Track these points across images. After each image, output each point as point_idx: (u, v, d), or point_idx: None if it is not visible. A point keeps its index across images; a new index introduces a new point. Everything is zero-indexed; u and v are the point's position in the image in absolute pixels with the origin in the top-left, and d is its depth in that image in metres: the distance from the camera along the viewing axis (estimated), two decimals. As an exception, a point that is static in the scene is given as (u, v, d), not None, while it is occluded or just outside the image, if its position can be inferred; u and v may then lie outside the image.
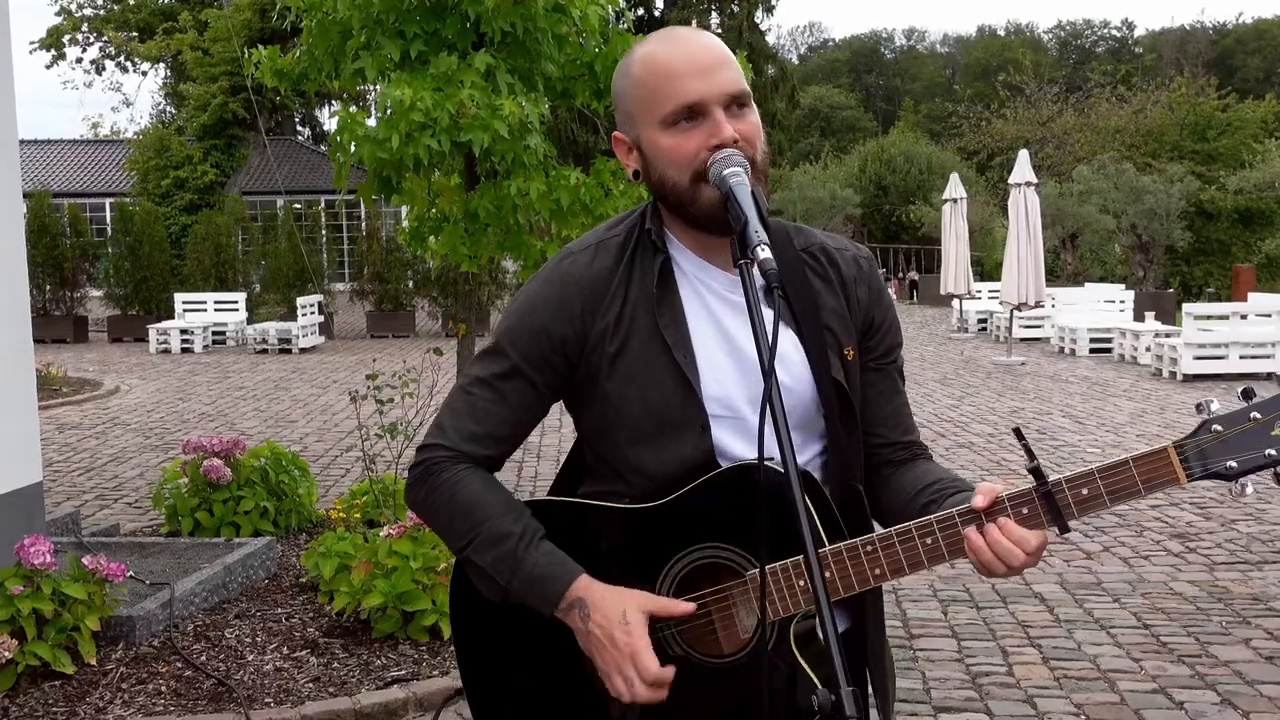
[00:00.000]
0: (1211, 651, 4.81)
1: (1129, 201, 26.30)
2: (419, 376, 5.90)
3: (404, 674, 4.28)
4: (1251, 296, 17.07)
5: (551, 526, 1.61)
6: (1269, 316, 14.42)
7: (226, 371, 16.09)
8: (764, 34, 34.94)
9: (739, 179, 1.47)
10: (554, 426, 10.19)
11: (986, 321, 21.31)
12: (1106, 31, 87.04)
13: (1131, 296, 18.92)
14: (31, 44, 37.33)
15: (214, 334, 19.99)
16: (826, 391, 1.60)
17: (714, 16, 34.01)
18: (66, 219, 22.05)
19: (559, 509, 1.64)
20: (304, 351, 18.73)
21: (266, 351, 18.66)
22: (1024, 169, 16.78)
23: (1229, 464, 1.38)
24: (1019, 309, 16.95)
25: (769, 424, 1.31)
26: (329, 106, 36.14)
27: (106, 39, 37.09)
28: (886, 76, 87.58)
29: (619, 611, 1.52)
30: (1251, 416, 1.38)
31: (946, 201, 21.44)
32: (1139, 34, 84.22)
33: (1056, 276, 26.13)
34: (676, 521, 1.56)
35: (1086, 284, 22.03)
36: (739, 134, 1.52)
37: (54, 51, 37.07)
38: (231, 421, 11.27)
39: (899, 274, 38.12)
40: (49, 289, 21.45)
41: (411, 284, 21.78)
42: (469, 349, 6.47)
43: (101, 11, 36.85)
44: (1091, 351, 16.97)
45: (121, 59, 39.10)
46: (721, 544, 1.55)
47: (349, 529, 5.48)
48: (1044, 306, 17.70)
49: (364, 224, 23.05)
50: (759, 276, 1.37)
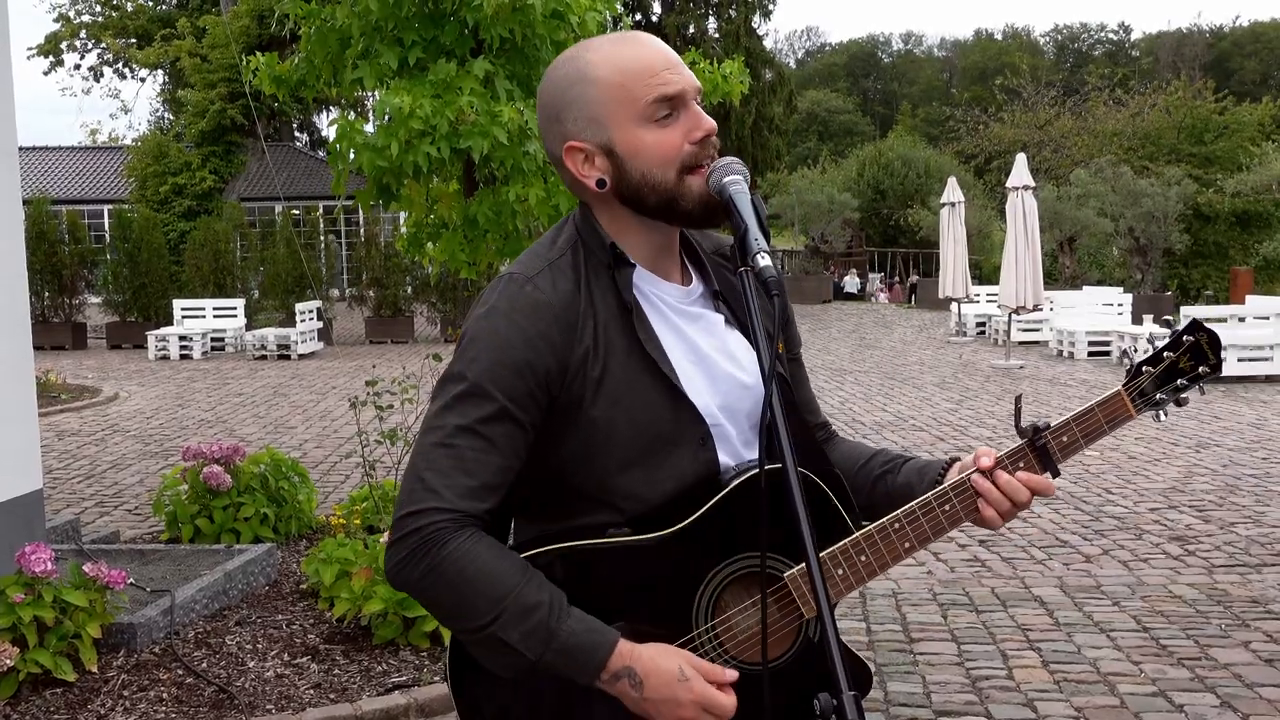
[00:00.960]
0: (1211, 654, 4.81)
1: (1127, 205, 26.30)
2: (418, 382, 5.91)
3: (405, 680, 4.28)
4: (1249, 299, 17.10)
5: (564, 577, 1.52)
6: (1267, 319, 14.43)
7: (225, 378, 16.09)
8: (761, 38, 35.00)
9: (739, 187, 1.49)
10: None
11: (985, 325, 21.32)
12: (1103, 35, 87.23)
13: (1130, 299, 18.93)
14: (29, 50, 37.33)
15: (213, 340, 19.98)
16: (781, 388, 1.60)
17: (711, 21, 34.06)
18: (65, 226, 22.04)
19: (566, 557, 1.53)
20: (303, 357, 18.73)
21: (265, 358, 18.66)
22: (1021, 172, 16.80)
23: (1158, 396, 1.67)
24: (1017, 312, 16.96)
25: (768, 427, 1.36)
26: (327, 113, 36.15)
27: (104, 46, 37.10)
28: (884, 80, 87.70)
29: (674, 668, 1.48)
30: (1165, 355, 1.67)
31: (944, 205, 21.45)
32: (1136, 37, 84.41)
33: (1055, 280, 26.12)
34: (703, 541, 1.53)
35: (1085, 287, 22.04)
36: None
37: (52, 58, 37.08)
38: (231, 428, 11.27)
39: (897, 278, 38.12)
40: (48, 296, 21.44)
41: (410, 289, 21.78)
42: (442, 397, 6.46)
43: (99, 18, 36.87)
44: (1090, 355, 16.98)
45: (119, 66, 39.13)
46: (753, 553, 1.54)
47: (349, 535, 5.48)
48: (1042, 310, 17.71)
49: (363, 230, 23.02)
50: (701, 285, 1.43)
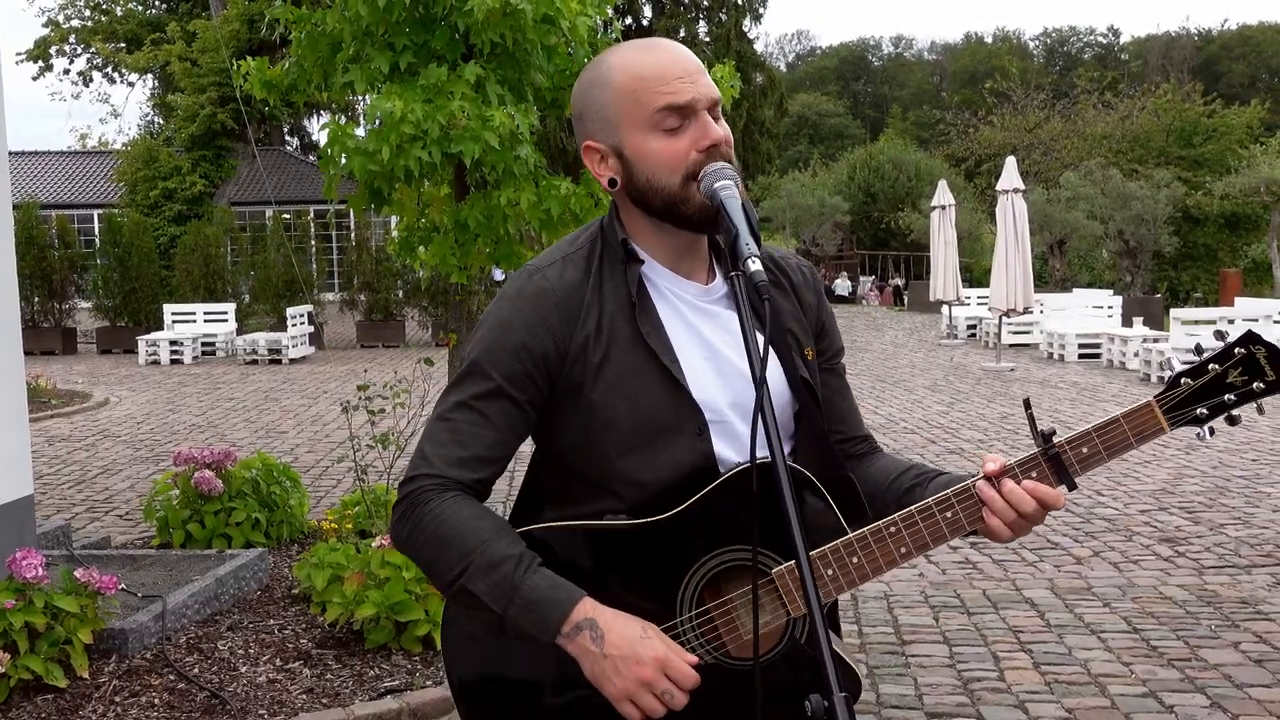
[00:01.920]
0: (1201, 655, 4.83)
1: (1116, 207, 26.41)
2: (410, 387, 5.91)
3: (397, 684, 4.28)
4: (1238, 301, 17.19)
5: (553, 555, 1.57)
6: (1256, 321, 14.49)
7: (216, 382, 16.06)
8: (752, 42, 35.06)
9: (730, 191, 1.51)
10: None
11: (976, 328, 21.38)
12: (1093, 38, 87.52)
13: (1119, 302, 19.00)
14: (18, 55, 37.24)
15: (203, 345, 19.94)
16: (797, 390, 1.65)
17: (701, 25, 34.11)
18: (55, 231, 21.99)
19: (555, 535, 1.60)
20: (294, 362, 18.70)
21: (256, 362, 18.63)
22: (1011, 175, 16.86)
23: (1199, 411, 1.55)
24: (1008, 315, 17.01)
25: (761, 426, 1.37)
26: (318, 117, 36.13)
27: (94, 50, 37.03)
28: (874, 84, 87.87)
29: (636, 627, 1.51)
30: (1210, 368, 1.55)
31: (935, 208, 21.50)
32: (1125, 40, 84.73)
33: (1045, 282, 26.23)
34: (691, 530, 1.55)
35: (1074, 290, 22.14)
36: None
37: (41, 63, 36.98)
38: (222, 433, 11.25)
39: (889, 280, 38.19)
40: (37, 301, 21.38)
41: (401, 294, 21.77)
42: (460, 359, 6.47)
43: (89, 23, 36.78)
44: (1080, 357, 17.03)
45: (109, 70, 39.04)
46: (743, 546, 1.56)
47: (341, 540, 5.48)
48: (1032, 312, 17.77)
49: (353, 234, 23.02)
50: (725, 286, 1.46)
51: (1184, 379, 1.57)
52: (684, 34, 33.26)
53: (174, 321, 20.03)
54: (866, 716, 4.23)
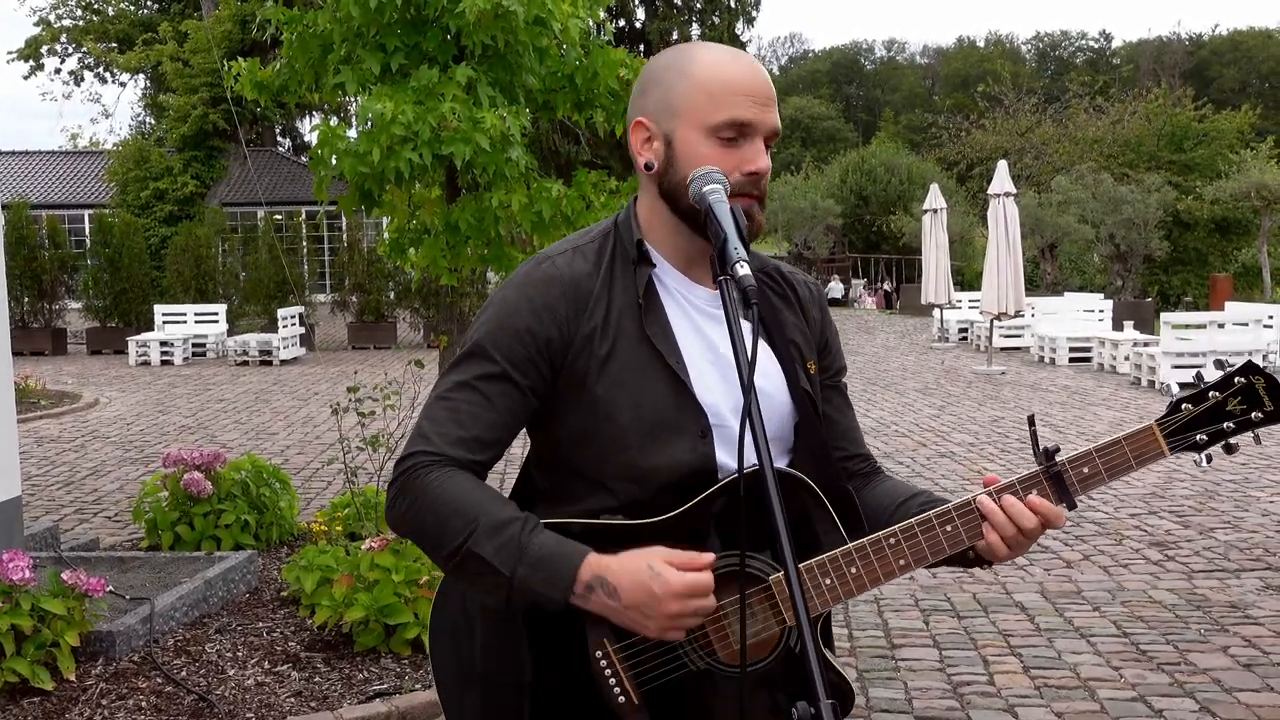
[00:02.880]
0: (1190, 659, 4.84)
1: (1107, 211, 26.48)
2: (401, 388, 5.89)
3: (386, 688, 4.26)
4: (1229, 305, 17.25)
5: None
6: (1246, 325, 14.55)
7: (207, 384, 16.02)
8: (745, 45, 35.10)
9: (718, 196, 1.51)
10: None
11: (967, 331, 21.42)
12: (1084, 43, 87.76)
13: (1110, 306, 19.05)
14: (9, 55, 37.11)
15: (194, 346, 19.89)
16: (799, 400, 1.65)
17: (695, 27, 34.12)
18: (45, 230, 21.91)
19: (554, 530, 1.58)
20: (285, 363, 18.66)
21: (247, 363, 18.59)
22: (1003, 179, 16.90)
23: (1199, 437, 1.58)
24: (999, 318, 17.04)
25: (750, 433, 1.36)
26: (309, 118, 36.05)
27: (85, 50, 36.91)
28: (867, 87, 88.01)
29: (643, 567, 1.47)
30: (1210, 395, 1.58)
31: (927, 211, 21.55)
32: (1116, 45, 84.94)
33: (1036, 286, 26.26)
34: (689, 533, 1.54)
35: (1066, 293, 22.20)
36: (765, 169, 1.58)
37: (32, 62, 36.86)
38: (212, 434, 11.22)
39: (879, 284, 38.23)
40: (27, 301, 21.31)
41: (393, 295, 21.74)
42: (459, 346, 6.45)
43: (80, 22, 36.67)
44: (1071, 361, 17.07)
45: (100, 70, 38.92)
46: (738, 552, 1.54)
47: (330, 542, 5.46)
48: (1024, 316, 17.81)
49: (345, 235, 22.97)
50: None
51: (1184, 404, 1.59)
52: (677, 36, 33.27)
53: (164, 322, 19.97)
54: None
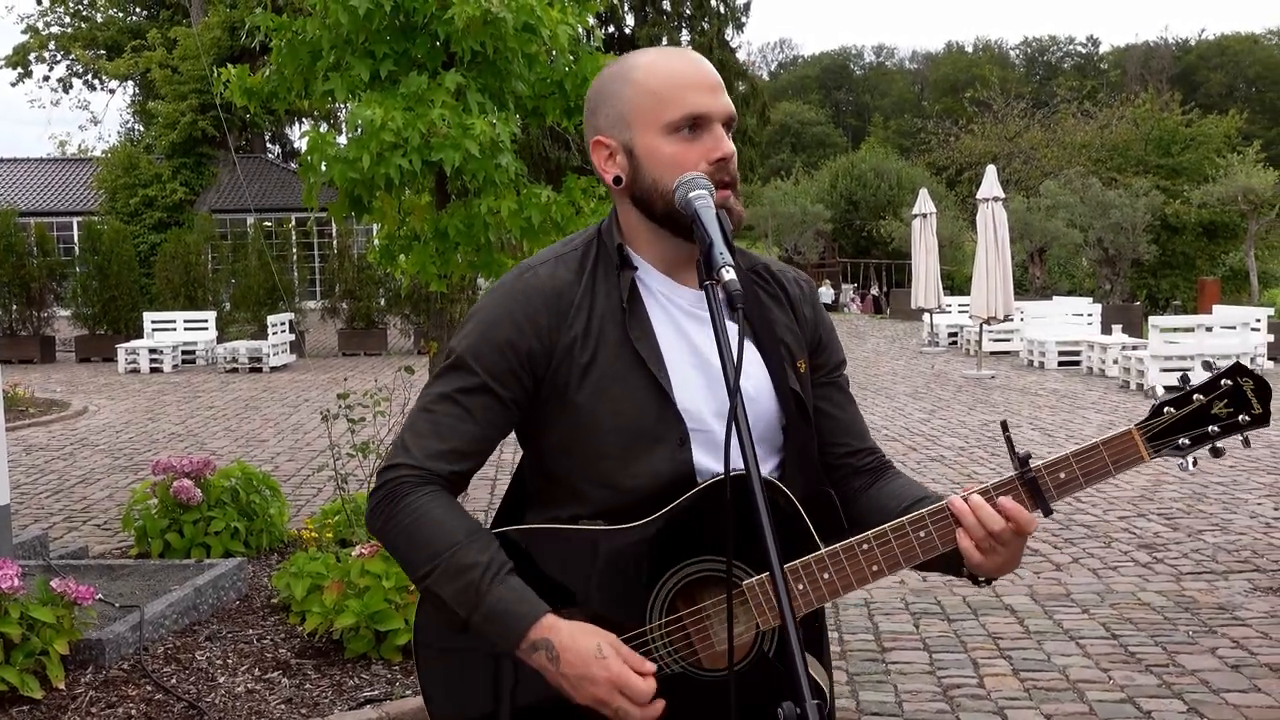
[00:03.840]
0: (1179, 661, 4.86)
1: (1095, 215, 26.58)
2: (391, 395, 5.89)
3: (377, 694, 4.26)
4: (1216, 309, 17.34)
5: (527, 557, 1.57)
6: (1233, 329, 14.62)
7: (196, 391, 15.98)
8: (734, 51, 35.14)
9: (704, 202, 1.51)
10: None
11: (957, 335, 21.47)
12: (1072, 48, 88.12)
13: (1099, 310, 19.13)
14: (-2, 62, 37.02)
15: (183, 353, 19.84)
16: (785, 402, 1.64)
17: (684, 33, 34.18)
18: (33, 238, 21.84)
19: (532, 538, 1.60)
20: (275, 370, 18.62)
21: (237, 370, 18.54)
22: (992, 184, 16.96)
23: (1181, 440, 1.54)
24: (988, 323, 17.09)
25: (735, 438, 1.36)
26: (299, 124, 36.03)
27: (74, 57, 36.84)
28: (856, 93, 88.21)
29: (592, 645, 1.50)
30: (1195, 398, 1.54)
31: (916, 216, 21.61)
32: (1104, 50, 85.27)
33: (1025, 290, 26.36)
34: (667, 538, 1.55)
35: (1054, 297, 22.23)
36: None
37: (20, 69, 36.80)
38: (202, 441, 11.19)
39: (869, 289, 38.30)
40: (15, 309, 21.23)
41: (383, 301, 21.71)
42: (435, 370, 6.43)
43: (69, 29, 36.60)
44: (1060, 364, 17.13)
45: (89, 77, 38.85)
46: (716, 557, 1.55)
47: (321, 549, 5.45)
48: (1013, 320, 17.86)
49: (335, 241, 22.95)
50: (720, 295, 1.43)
51: (1167, 408, 1.55)
52: (666, 42, 33.31)
53: (154, 330, 19.92)
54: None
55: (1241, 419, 1.53)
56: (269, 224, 25.22)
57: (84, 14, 36.72)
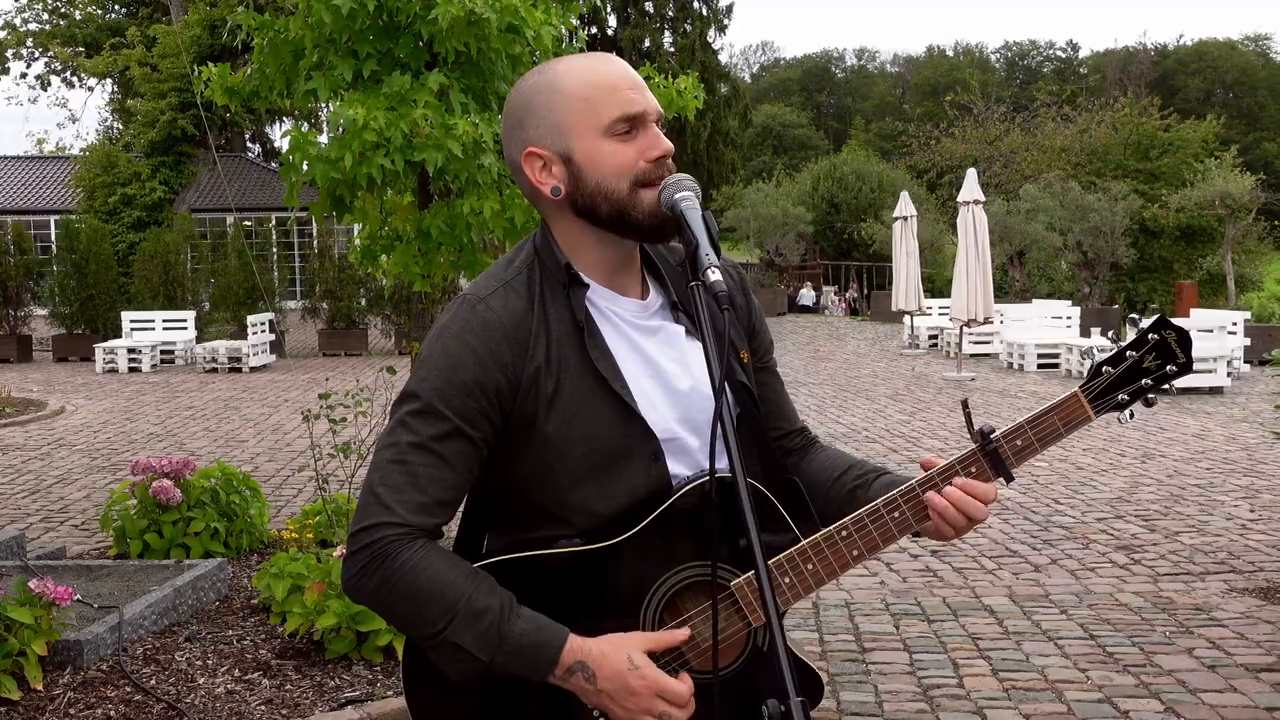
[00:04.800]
0: (1156, 661, 4.90)
1: (1075, 219, 26.75)
2: (372, 395, 5.88)
3: (358, 695, 4.25)
4: (1194, 312, 17.45)
5: (517, 587, 1.55)
6: (1211, 332, 14.72)
7: (175, 391, 15.89)
8: (717, 53, 35.27)
9: (690, 203, 1.52)
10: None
11: (937, 337, 21.56)
12: (1052, 52, 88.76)
13: (1078, 313, 19.23)
14: (-26, 59, 36.69)
15: (162, 353, 19.73)
16: (738, 394, 1.65)
17: (666, 35, 34.25)
18: (10, 236, 21.69)
19: (516, 567, 1.58)
20: (255, 370, 18.53)
21: (216, 370, 18.45)
22: (972, 187, 17.04)
23: (1120, 397, 1.64)
24: (968, 325, 17.17)
25: (720, 437, 1.39)
26: (280, 124, 35.86)
27: (52, 54, 36.54)
28: (838, 95, 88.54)
29: (623, 659, 1.51)
30: (1127, 355, 1.64)
31: (897, 219, 21.69)
32: (1083, 55, 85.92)
33: (1005, 293, 26.47)
34: (649, 550, 1.56)
35: (1034, 300, 22.36)
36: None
37: (-3, 67, 36.45)
38: (181, 442, 11.13)
39: (847, 290, 38.41)
40: (-8, 308, 21.08)
41: (364, 302, 21.64)
42: (396, 415, 6.41)
43: (46, 26, 36.32)
44: (1039, 367, 17.23)
45: (67, 74, 38.55)
46: (701, 562, 1.57)
47: (302, 549, 5.44)
48: (993, 323, 17.95)
49: (315, 241, 22.85)
50: (661, 298, 1.48)
51: (1105, 367, 1.64)
52: (649, 44, 33.38)
53: (132, 329, 19.79)
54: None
55: (1169, 369, 1.63)
56: (249, 223, 25.10)
57: (62, 11, 36.43)
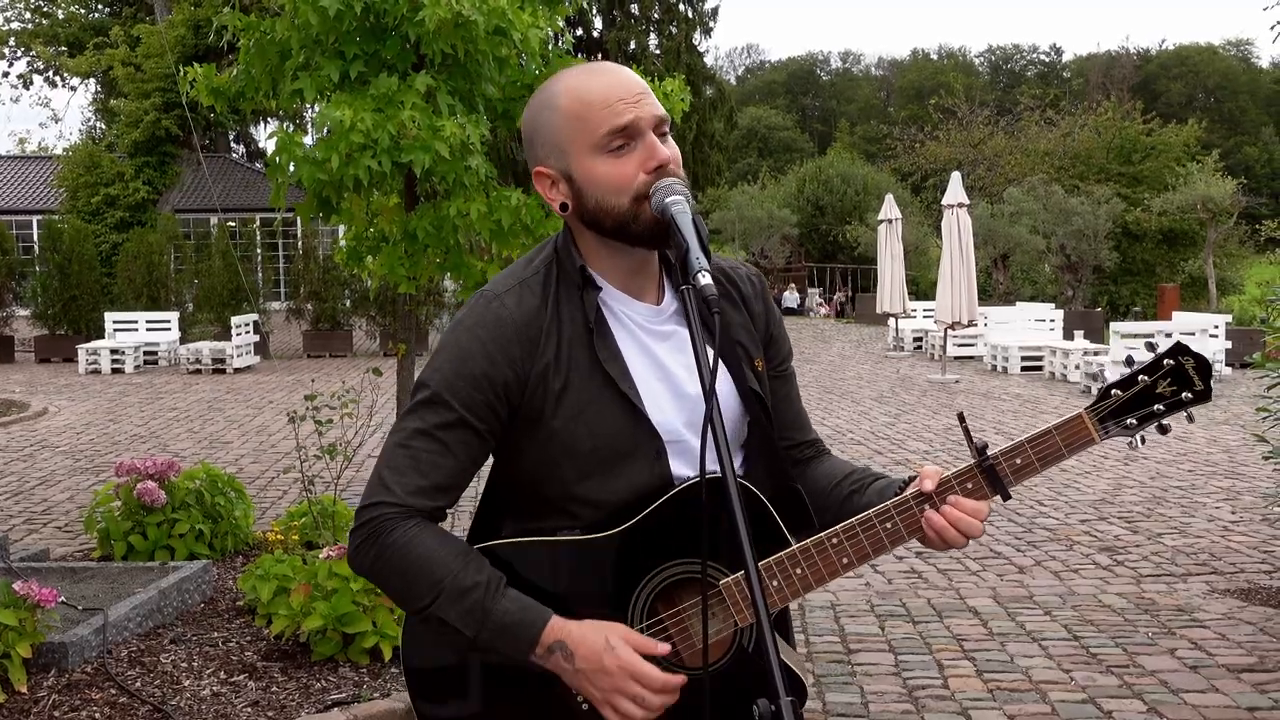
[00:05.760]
0: (1139, 661, 4.94)
1: (1058, 222, 26.89)
2: (358, 397, 5.87)
3: (344, 696, 4.24)
4: (1176, 315, 17.58)
5: (510, 569, 1.60)
6: (1193, 334, 14.82)
7: (159, 392, 15.82)
8: (702, 55, 35.25)
9: (680, 206, 1.53)
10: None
11: (922, 340, 21.63)
12: (1036, 56, 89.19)
13: (1061, 315, 19.32)
14: (-44, 58, 36.45)
15: (146, 354, 19.63)
16: (748, 402, 1.68)
17: (652, 38, 34.24)
18: (-8, 236, 21.56)
19: (513, 551, 1.63)
20: (239, 371, 18.46)
21: (200, 371, 18.37)
22: (956, 190, 17.11)
23: (1129, 421, 1.61)
24: (953, 328, 17.24)
25: (710, 441, 1.40)
26: (265, 124, 35.72)
27: (34, 53, 36.33)
28: (823, 98, 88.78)
29: (601, 640, 1.54)
30: (1139, 379, 1.60)
31: (882, 222, 21.76)
32: (1067, 59, 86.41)
33: (989, 296, 26.59)
34: (642, 544, 1.59)
35: (1018, 303, 22.46)
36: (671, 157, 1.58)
37: (-21, 66, 36.23)
38: (165, 443, 11.08)
39: (834, 293, 38.51)
40: (-26, 308, 20.94)
41: (349, 303, 21.58)
42: (408, 369, 6.44)
43: (29, 25, 36.10)
44: (1023, 369, 17.31)
45: (50, 74, 38.33)
46: (692, 559, 1.59)
47: (287, 551, 5.42)
48: (977, 325, 18.03)
49: (300, 242, 22.77)
50: (675, 303, 1.49)
51: (1115, 390, 1.61)
52: (634, 46, 33.38)
53: (115, 330, 19.69)
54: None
55: (1184, 396, 1.59)
56: (233, 224, 24.99)
57: (45, 10, 36.23)
